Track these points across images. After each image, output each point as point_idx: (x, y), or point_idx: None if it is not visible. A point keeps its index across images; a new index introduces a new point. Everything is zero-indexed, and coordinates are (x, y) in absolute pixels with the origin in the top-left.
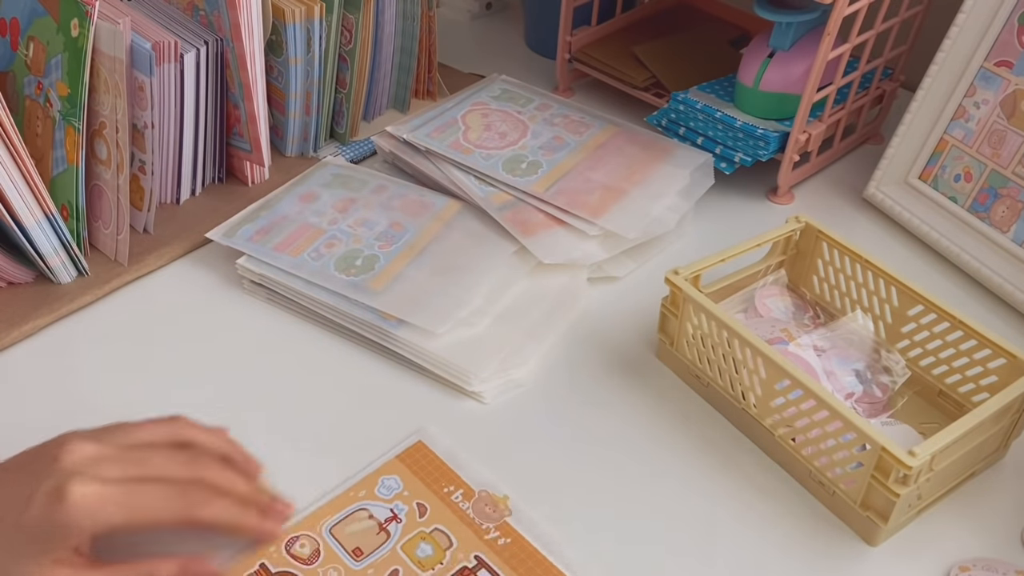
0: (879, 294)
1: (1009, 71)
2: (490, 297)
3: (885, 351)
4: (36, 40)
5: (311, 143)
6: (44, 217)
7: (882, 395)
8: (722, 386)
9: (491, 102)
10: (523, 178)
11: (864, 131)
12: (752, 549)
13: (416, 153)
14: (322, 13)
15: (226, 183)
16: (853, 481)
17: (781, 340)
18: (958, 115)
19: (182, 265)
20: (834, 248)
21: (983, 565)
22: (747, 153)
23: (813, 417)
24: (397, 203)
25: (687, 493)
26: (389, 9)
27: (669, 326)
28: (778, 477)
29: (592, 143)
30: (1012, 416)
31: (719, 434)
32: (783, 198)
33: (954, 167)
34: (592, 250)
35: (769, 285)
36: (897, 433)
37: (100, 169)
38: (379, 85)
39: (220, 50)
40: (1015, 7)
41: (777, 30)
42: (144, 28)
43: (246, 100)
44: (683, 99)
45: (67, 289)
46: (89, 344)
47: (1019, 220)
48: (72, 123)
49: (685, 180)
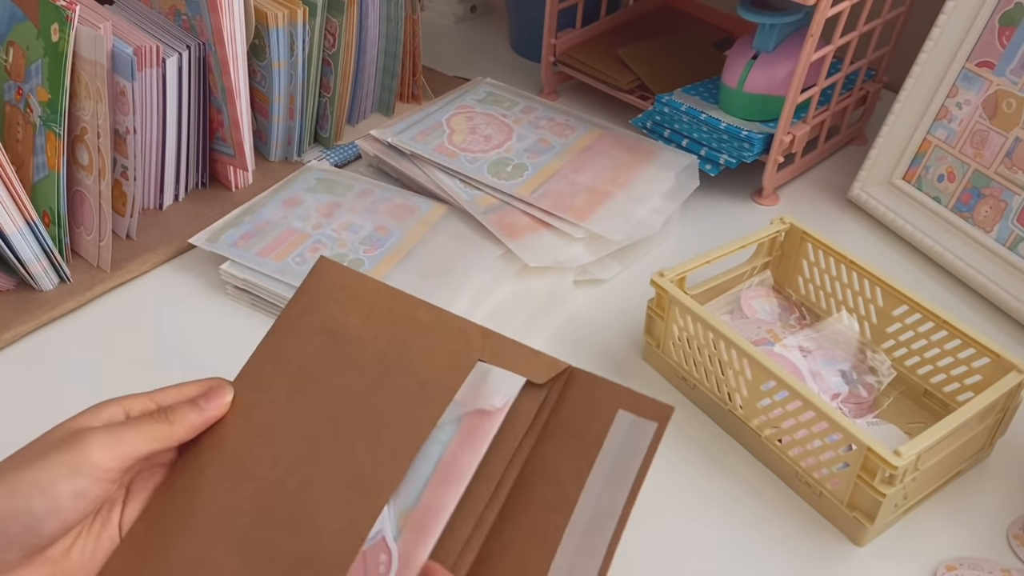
0: (864, 294)
1: (991, 72)
2: (476, 300)
3: (870, 351)
4: (16, 45)
5: (295, 147)
6: (25, 224)
7: (868, 395)
8: (708, 388)
9: (476, 105)
10: (508, 181)
11: (848, 132)
12: (739, 550)
13: (401, 157)
14: (305, 17)
15: (209, 188)
16: (839, 481)
17: (767, 341)
18: (941, 116)
19: (165, 271)
20: (819, 249)
21: (969, 564)
22: (732, 155)
23: (799, 418)
24: (382, 207)
25: (673, 495)
26: (373, 12)
27: (655, 328)
28: (764, 478)
29: (577, 146)
30: (996, 415)
31: (705, 436)
32: (768, 199)
33: (937, 167)
34: (578, 253)
35: (754, 286)
36: (883, 433)
37: (82, 175)
38: (363, 89)
39: (203, 54)
40: (996, 8)
41: (761, 32)
42: (125, 33)
43: (229, 105)
44: (668, 101)
45: (49, 296)
46: (71, 351)
47: (1002, 220)
48: (53, 129)
49: (670, 182)
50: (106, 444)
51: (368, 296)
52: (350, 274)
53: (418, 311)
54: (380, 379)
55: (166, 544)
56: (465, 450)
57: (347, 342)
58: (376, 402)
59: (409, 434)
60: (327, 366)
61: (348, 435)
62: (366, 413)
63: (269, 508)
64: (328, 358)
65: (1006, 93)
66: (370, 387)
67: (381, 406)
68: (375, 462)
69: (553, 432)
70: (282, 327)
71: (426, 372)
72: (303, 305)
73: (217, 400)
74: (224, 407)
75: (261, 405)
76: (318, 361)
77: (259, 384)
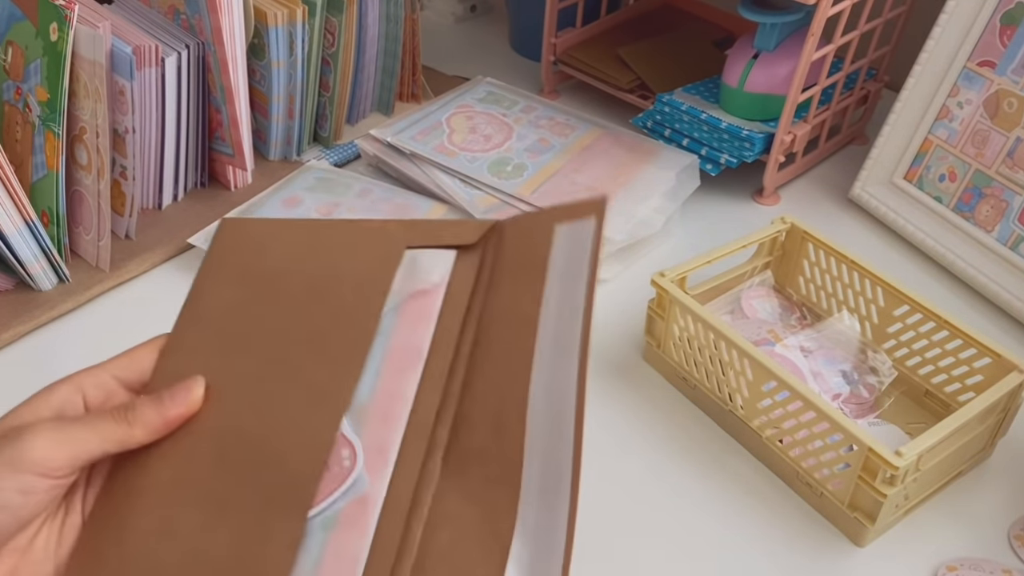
0: (865, 294)
1: (992, 71)
2: None
3: (871, 351)
4: (15, 44)
5: (294, 147)
6: (24, 224)
7: (869, 396)
8: (709, 388)
9: (476, 104)
10: (509, 181)
11: (849, 132)
12: (739, 550)
13: (401, 156)
14: (305, 16)
15: (209, 188)
16: (840, 482)
17: (768, 341)
18: (942, 115)
19: (165, 271)
20: (820, 249)
21: (970, 565)
22: (732, 154)
23: (800, 418)
24: (382, 207)
25: (674, 495)
26: (372, 12)
27: (656, 328)
28: (765, 479)
29: (577, 145)
30: (997, 415)
31: (706, 436)
32: (769, 199)
33: (938, 167)
34: None
35: (755, 286)
36: (884, 433)
37: (81, 175)
38: (363, 88)
39: (202, 54)
40: (997, 7)
41: (761, 31)
42: (124, 32)
43: (228, 104)
44: (668, 100)
45: (48, 296)
46: (71, 351)
47: (1003, 219)
48: (52, 128)
49: (671, 182)
50: (53, 442)
51: (278, 235)
52: (254, 223)
53: (332, 229)
54: (313, 301)
55: (124, 523)
56: (412, 332)
57: (269, 280)
58: (315, 322)
59: (355, 338)
60: (256, 309)
61: (295, 361)
62: (308, 335)
63: (229, 455)
64: (254, 302)
65: (1007, 92)
66: (305, 311)
67: (321, 324)
68: (328, 375)
69: (499, 280)
70: (197, 292)
71: (356, 278)
72: (213, 265)
73: (183, 395)
74: (195, 404)
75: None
76: (245, 308)
77: (187, 352)
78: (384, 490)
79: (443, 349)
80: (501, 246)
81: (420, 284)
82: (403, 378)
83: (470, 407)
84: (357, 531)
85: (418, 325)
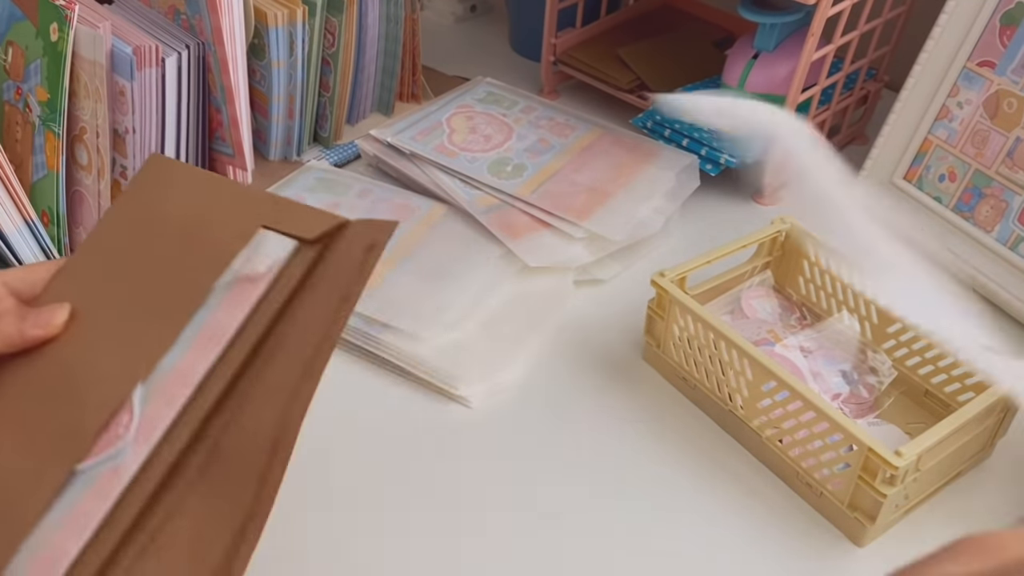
0: (865, 294)
1: (991, 71)
2: (476, 301)
3: (871, 351)
4: (15, 45)
5: (294, 147)
6: (24, 223)
7: (868, 396)
8: (709, 388)
9: (476, 105)
10: (508, 181)
11: (849, 132)
12: (739, 550)
13: (401, 156)
14: (305, 16)
15: None
16: (840, 482)
17: (767, 341)
18: (942, 115)
19: None
20: (820, 249)
21: None
22: (732, 155)
23: (800, 418)
24: (382, 207)
25: (673, 495)
26: (372, 12)
27: (655, 328)
28: (765, 479)
29: (577, 145)
30: (997, 416)
31: (706, 436)
32: (769, 199)
33: (938, 167)
34: (578, 253)
35: (755, 286)
36: (884, 433)
37: (81, 175)
38: (363, 88)
39: (202, 54)
40: (997, 7)
41: (761, 31)
42: (125, 32)
43: (228, 104)
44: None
45: None
46: None
47: (1003, 220)
48: (52, 128)
49: (671, 182)
50: None
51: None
52: (179, 166)
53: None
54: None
55: None
56: (227, 315)
57: (159, 222)
58: (170, 275)
59: (185, 303)
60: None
61: (132, 308)
62: (159, 286)
63: (50, 383)
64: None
65: (1007, 93)
66: (168, 262)
67: (172, 278)
68: (147, 331)
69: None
70: (105, 220)
71: (218, 243)
72: (126, 198)
73: (46, 318)
74: (54, 328)
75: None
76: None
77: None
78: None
79: (244, 342)
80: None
81: (253, 268)
82: (199, 358)
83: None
84: (100, 499)
85: (233, 309)
